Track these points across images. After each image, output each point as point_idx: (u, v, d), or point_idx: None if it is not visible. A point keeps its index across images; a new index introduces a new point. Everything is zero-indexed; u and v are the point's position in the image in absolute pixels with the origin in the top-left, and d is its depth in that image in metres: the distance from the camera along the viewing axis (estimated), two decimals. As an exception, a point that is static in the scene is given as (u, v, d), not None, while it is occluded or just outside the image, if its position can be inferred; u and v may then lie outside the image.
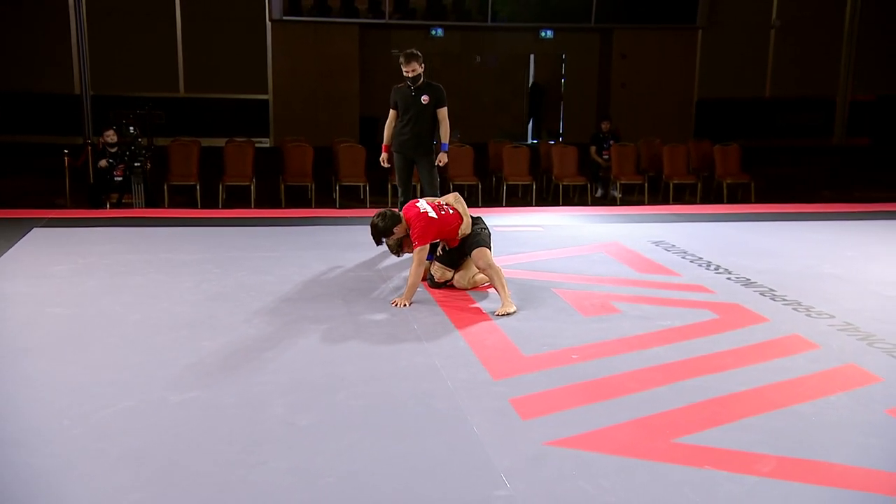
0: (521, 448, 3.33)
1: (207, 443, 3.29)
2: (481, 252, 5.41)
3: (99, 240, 6.88)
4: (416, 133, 6.74)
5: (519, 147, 11.80)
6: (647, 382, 4.05)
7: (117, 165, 9.23)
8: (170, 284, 5.55)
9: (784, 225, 8.24)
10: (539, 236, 7.53)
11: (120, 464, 3.09)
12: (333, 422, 3.52)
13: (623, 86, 17.87)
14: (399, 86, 6.81)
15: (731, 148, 12.04)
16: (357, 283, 5.77)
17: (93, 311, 4.96)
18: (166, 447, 3.24)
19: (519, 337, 4.67)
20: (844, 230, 7.95)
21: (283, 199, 10.55)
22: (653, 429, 3.54)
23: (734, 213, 9.04)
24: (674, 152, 12.00)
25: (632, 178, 11.84)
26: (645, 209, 9.63)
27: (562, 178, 11.44)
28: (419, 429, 3.49)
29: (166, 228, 7.49)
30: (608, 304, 5.37)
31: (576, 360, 4.35)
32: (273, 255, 6.48)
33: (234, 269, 6.02)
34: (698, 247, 7.08)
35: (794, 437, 3.49)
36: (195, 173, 10.42)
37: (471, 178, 11.11)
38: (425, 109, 6.72)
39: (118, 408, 3.58)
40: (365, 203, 10.70)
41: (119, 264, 6.05)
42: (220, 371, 4.05)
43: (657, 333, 4.79)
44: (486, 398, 3.81)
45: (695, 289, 5.78)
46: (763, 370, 4.25)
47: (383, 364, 4.22)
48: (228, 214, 8.56)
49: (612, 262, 6.53)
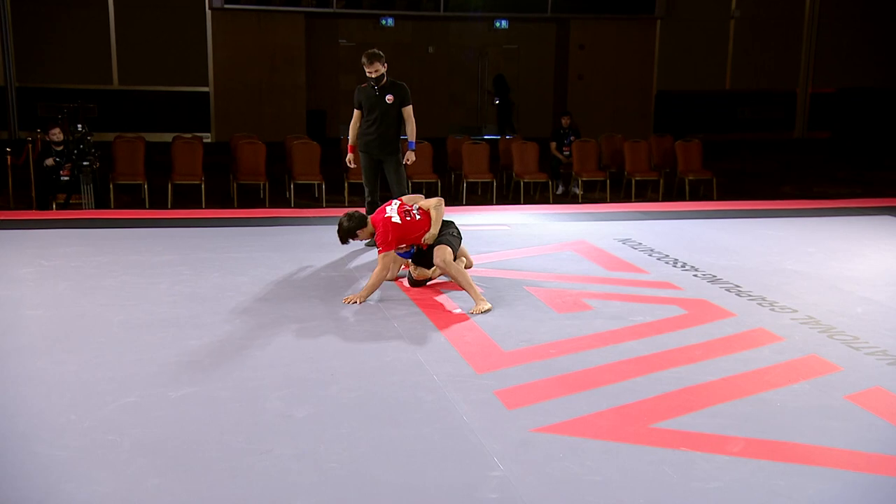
0: (509, 434, 3.82)
1: (213, 433, 3.72)
2: (440, 250, 5.80)
3: (58, 242, 7.20)
4: (381, 133, 7.21)
5: (479, 143, 12.30)
6: (623, 374, 4.58)
7: (64, 164, 9.47)
8: (144, 286, 5.94)
9: (747, 222, 8.91)
10: (506, 235, 8.05)
11: (134, 453, 3.51)
12: (329, 413, 3.97)
13: (580, 77, 18.43)
14: (362, 85, 7.27)
15: (692, 143, 12.72)
16: (330, 282, 6.22)
17: (74, 313, 5.33)
18: (175, 438, 3.66)
19: (497, 333, 5.17)
20: (805, 227, 8.65)
21: (236, 199, 10.89)
22: (631, 416, 4.07)
23: (697, 211, 9.69)
24: (635, 148, 12.64)
25: (593, 175, 12.44)
26: (609, 207, 10.24)
27: (522, 175, 11.97)
28: (412, 418, 3.96)
29: (125, 230, 7.83)
30: (580, 301, 5.91)
31: (554, 354, 4.87)
32: (241, 256, 6.88)
33: (206, 270, 6.41)
34: (664, 244, 7.69)
35: (761, 420, 4.05)
36: (142, 172, 10.70)
37: (430, 176, 11.57)
38: (390, 109, 7.20)
39: (121, 403, 3.98)
40: (321, 202, 11.11)
41: (87, 267, 6.40)
42: (213, 368, 4.48)
43: (629, 328, 5.34)
44: (472, 390, 4.30)
45: (663, 286, 6.35)
46: (731, 361, 4.82)
47: (369, 360, 4.68)
48: (186, 215, 8.90)
49: (582, 261, 7.08)
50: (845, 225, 8.79)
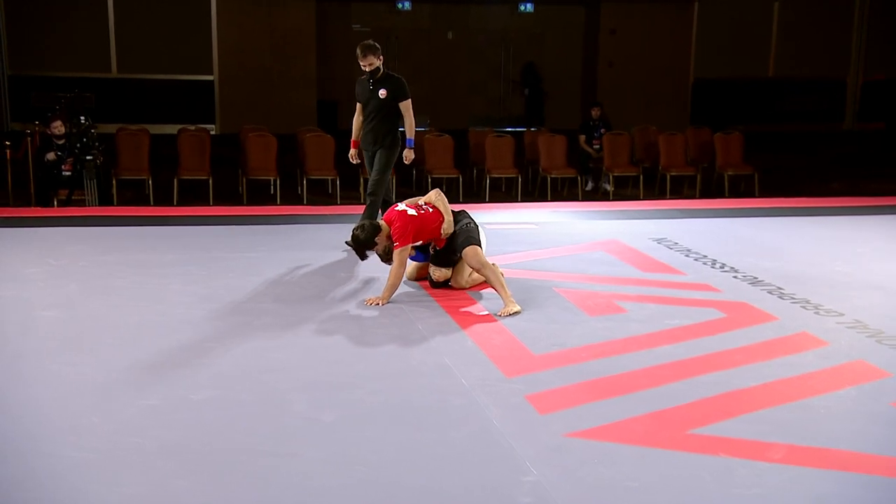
0: (541, 439, 4.03)
1: (238, 437, 3.95)
2: (473, 251, 6.05)
3: (64, 240, 7.49)
4: (373, 128, 7.45)
5: (502, 136, 12.50)
6: (659, 379, 4.78)
7: (66, 159, 9.75)
8: (156, 287, 6.20)
9: (791, 220, 9.09)
10: (533, 234, 8.27)
11: (160, 455, 3.74)
12: (355, 417, 4.19)
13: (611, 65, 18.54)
14: (361, 78, 7.52)
15: (732, 136, 12.86)
16: (350, 283, 6.45)
17: (87, 315, 5.60)
18: (199, 441, 3.89)
19: (526, 336, 5.38)
20: (854, 225, 8.82)
21: (245, 195, 11.14)
22: (668, 421, 4.26)
23: (738, 208, 9.86)
24: (670, 141, 12.78)
25: (626, 170, 12.60)
26: (643, 205, 10.43)
27: (549, 171, 12.16)
28: (440, 422, 4.17)
29: (131, 228, 8.11)
30: (613, 303, 6.11)
31: (586, 358, 5.07)
32: (255, 256, 7.13)
33: (219, 270, 6.67)
34: (702, 244, 7.88)
35: (804, 427, 4.23)
36: (146, 166, 10.98)
37: (451, 171, 11.78)
38: (383, 104, 7.40)
39: (142, 405, 4.22)
40: (335, 199, 11.34)
41: (95, 266, 6.68)
42: (233, 371, 4.72)
43: (665, 332, 5.54)
44: (502, 394, 4.51)
45: (701, 288, 6.54)
46: (773, 366, 5.00)
47: (394, 363, 4.91)
48: (194, 213, 9.17)
49: (614, 261, 7.28)
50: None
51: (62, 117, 10.05)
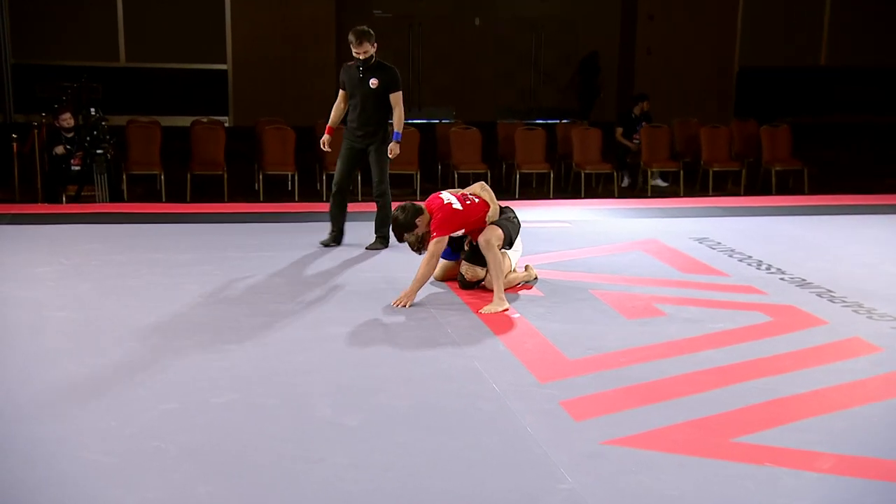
0: (577, 446, 4.13)
1: (261, 441, 4.07)
2: (490, 229, 6.18)
3: (76, 239, 7.68)
4: (363, 121, 7.52)
5: (533, 129, 12.59)
6: (700, 385, 4.86)
7: (75, 153, 9.94)
8: (172, 287, 6.36)
9: (843, 219, 9.15)
10: (566, 232, 8.37)
11: (181, 460, 3.88)
12: (383, 421, 4.31)
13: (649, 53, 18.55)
14: (349, 64, 7.55)
15: (780, 129, 12.88)
16: (376, 284, 6.59)
17: (100, 315, 5.76)
18: (222, 445, 4.02)
19: (561, 340, 5.48)
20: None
21: (262, 191, 11.30)
22: (710, 429, 4.35)
23: (785, 206, 9.92)
24: (713, 134, 12.82)
25: (665, 165, 12.66)
26: (684, 202, 10.50)
27: (583, 166, 12.23)
28: (471, 428, 4.28)
29: (144, 226, 8.29)
30: (652, 306, 6.20)
31: (624, 363, 5.16)
32: (274, 256, 7.28)
33: (237, 270, 6.82)
34: (746, 244, 7.95)
35: (854, 437, 4.30)
36: (158, 161, 11.16)
37: (478, 166, 11.88)
38: (373, 94, 7.45)
39: (162, 409, 4.37)
40: (356, 195, 11.46)
41: (108, 266, 6.86)
42: (255, 374, 4.86)
43: (707, 336, 5.62)
44: (536, 400, 4.61)
45: (745, 290, 6.62)
46: (822, 373, 5.08)
47: (422, 367, 5.03)
48: (209, 210, 9.34)
49: (653, 262, 7.37)
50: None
51: (71, 109, 10.22)
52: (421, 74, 17.67)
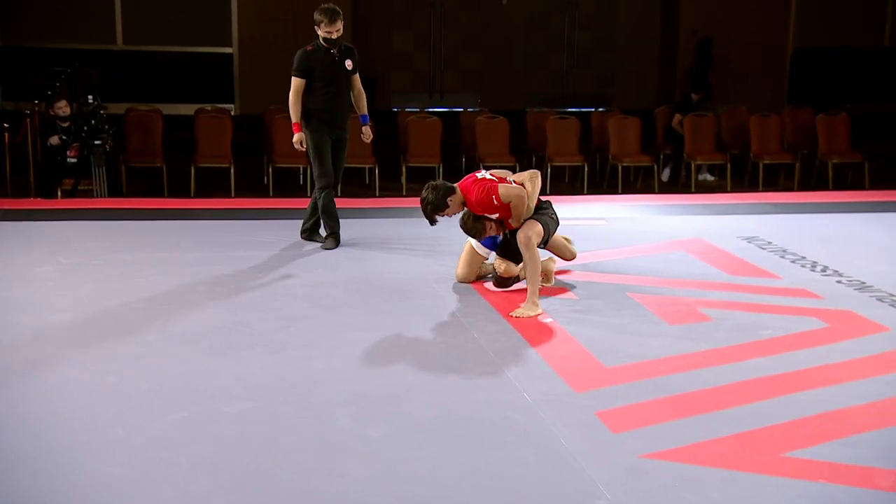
0: (615, 460, 4.23)
1: (278, 452, 4.20)
2: (529, 225, 6.26)
3: (74, 236, 7.86)
4: (344, 109, 7.73)
5: (566, 118, 12.67)
6: (748, 396, 4.95)
7: (72, 144, 10.09)
8: (180, 289, 6.51)
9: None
10: (602, 231, 8.47)
11: (195, 472, 4.01)
12: (407, 433, 4.43)
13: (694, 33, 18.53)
14: (309, 49, 7.64)
15: (838, 118, 12.88)
16: (398, 285, 6.73)
17: (104, 318, 5.92)
18: (236, 457, 4.15)
19: (597, 347, 5.58)
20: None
21: (271, 186, 11.44)
22: (758, 443, 4.44)
23: (843, 203, 9.97)
24: (764, 123, 12.85)
25: (711, 157, 12.71)
26: (731, 197, 10.57)
27: (621, 158, 12.30)
28: (501, 440, 4.39)
29: (147, 223, 8.47)
30: (696, 310, 6.29)
31: (665, 371, 5.26)
32: (287, 255, 7.45)
33: (248, 270, 6.98)
34: (800, 244, 8.03)
35: (917, 452, 4.39)
36: (160, 152, 11.32)
37: (506, 158, 11.97)
38: (347, 78, 7.69)
39: (172, 419, 4.50)
40: (373, 190, 11.61)
41: (111, 265, 7.02)
42: (270, 381, 4.99)
43: (756, 344, 5.71)
44: (571, 411, 4.72)
45: (798, 293, 6.70)
46: (882, 384, 5.14)
47: (448, 375, 5.14)
48: (216, 205, 9.51)
49: (697, 263, 7.46)
50: None
51: (67, 96, 10.36)
52: (443, 58, 17.75)
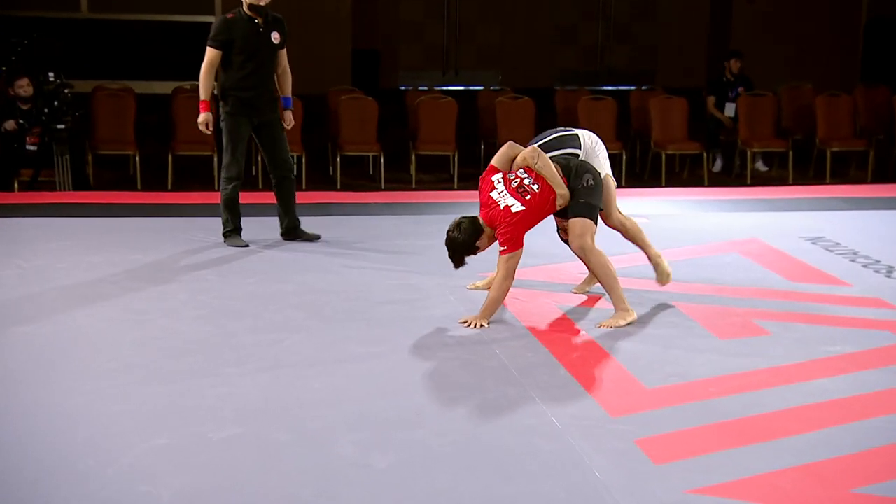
0: (657, 495, 4.26)
1: (271, 484, 4.25)
2: (581, 225, 6.22)
3: (34, 235, 7.96)
4: (267, 87, 7.73)
5: (601, 99, 12.68)
6: (811, 422, 4.98)
7: (31, 129, 10.15)
8: (158, 296, 6.59)
9: None
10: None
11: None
12: (418, 463, 4.47)
13: (751, 2, 18.52)
14: (230, 16, 7.68)
15: (918, 99, 12.88)
16: (407, 293, 6.79)
17: (72, 330, 5.98)
18: (223, 490, 4.19)
19: (637, 365, 5.63)
20: None
21: (260, 177, 11.50)
22: (823, 477, 4.46)
23: (924, 198, 9.99)
24: (832, 104, 12.84)
25: (769, 144, 12.71)
26: (793, 191, 10.59)
27: (664, 145, 12.31)
28: (528, 471, 4.43)
29: (118, 219, 8.56)
30: (751, 323, 6.33)
31: (715, 394, 5.29)
32: (280, 257, 7.54)
33: (236, 275, 7.07)
34: (874, 245, 8.07)
35: None
36: (132, 138, 11.38)
37: (532, 145, 11.98)
38: (273, 53, 7.71)
39: (149, 446, 4.54)
40: (378, 182, 11.65)
41: (78, 269, 7.10)
42: (262, 403, 5.03)
43: (821, 362, 5.74)
44: (606, 438, 4.76)
45: (871, 303, 6.73)
46: (966, 408, 5.18)
47: (465, 396, 5.18)
48: (197, 200, 9.59)
49: (753, 267, 7.50)
50: None
51: (28, 73, 10.39)
52: (459, 31, 17.76)
